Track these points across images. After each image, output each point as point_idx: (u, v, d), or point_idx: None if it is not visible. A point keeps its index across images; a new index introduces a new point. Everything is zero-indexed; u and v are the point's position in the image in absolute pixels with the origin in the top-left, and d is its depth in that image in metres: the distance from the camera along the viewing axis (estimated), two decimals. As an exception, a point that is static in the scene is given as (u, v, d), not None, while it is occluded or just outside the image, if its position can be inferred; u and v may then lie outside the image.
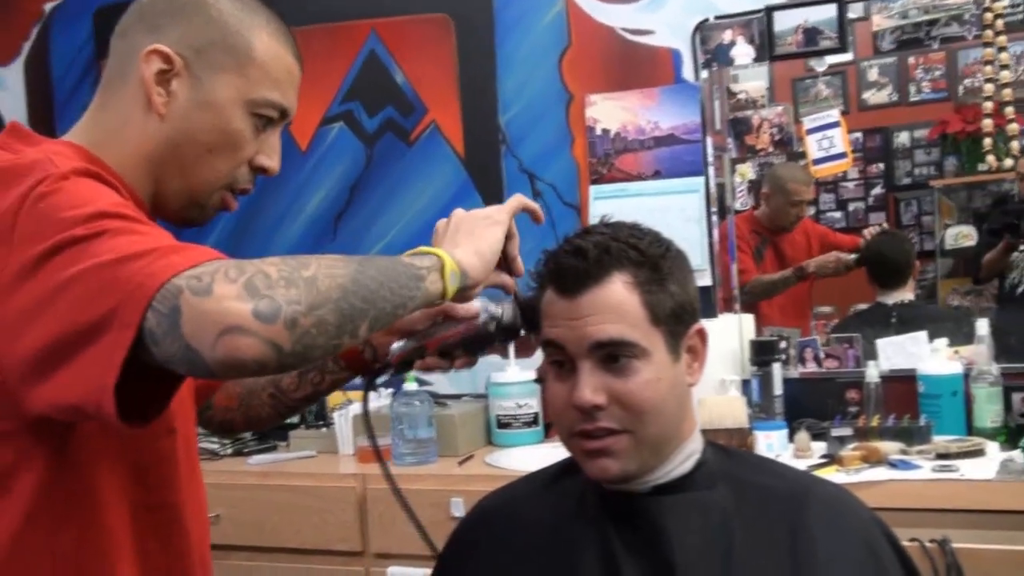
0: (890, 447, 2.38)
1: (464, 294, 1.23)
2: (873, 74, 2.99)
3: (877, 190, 3.06)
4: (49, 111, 3.85)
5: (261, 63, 1.25)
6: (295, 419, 3.17)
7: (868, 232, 3.05)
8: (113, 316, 0.96)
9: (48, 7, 3.86)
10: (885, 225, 3.06)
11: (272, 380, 1.52)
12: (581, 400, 1.21)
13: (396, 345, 1.36)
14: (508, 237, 1.31)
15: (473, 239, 1.24)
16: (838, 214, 3.11)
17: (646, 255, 1.24)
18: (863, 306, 3.06)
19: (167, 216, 1.29)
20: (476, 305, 1.32)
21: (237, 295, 0.94)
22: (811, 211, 3.14)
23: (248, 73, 1.24)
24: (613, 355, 1.22)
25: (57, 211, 1.02)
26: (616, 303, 1.22)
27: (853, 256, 3.05)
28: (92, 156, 1.21)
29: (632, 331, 1.22)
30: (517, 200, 1.33)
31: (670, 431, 1.27)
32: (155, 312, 0.95)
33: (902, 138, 3.03)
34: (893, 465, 2.32)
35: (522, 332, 1.36)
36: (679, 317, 1.26)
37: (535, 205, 1.35)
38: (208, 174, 1.25)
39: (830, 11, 2.85)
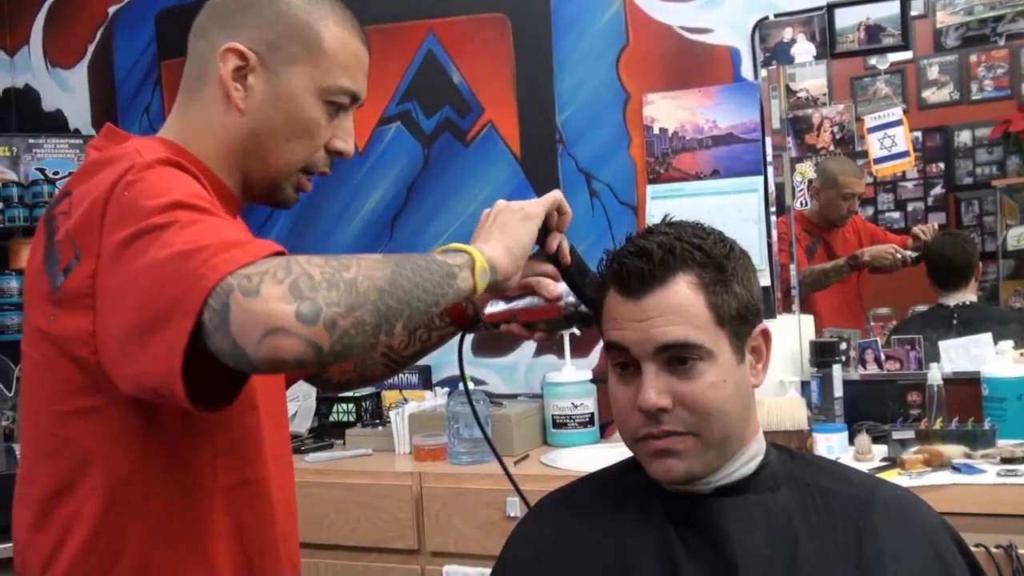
0: (953, 451, 2.35)
1: (497, 288, 1.28)
2: (933, 72, 2.94)
3: (937, 190, 3.01)
4: (112, 113, 3.91)
5: (331, 52, 1.31)
6: (352, 417, 3.21)
7: (918, 229, 3.00)
8: (178, 305, 1.01)
9: (112, 10, 3.92)
10: (931, 228, 3.00)
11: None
12: (646, 403, 1.21)
13: (489, 308, 1.48)
14: (549, 229, 1.37)
15: (505, 235, 1.29)
16: (897, 214, 3.06)
17: (711, 255, 1.24)
18: (922, 307, 3.02)
19: (255, 200, 1.38)
20: (561, 289, 1.41)
21: (282, 296, 0.98)
22: (869, 211, 3.10)
23: (319, 62, 1.31)
24: (678, 357, 1.21)
25: (139, 199, 1.09)
26: (681, 305, 1.21)
27: (912, 253, 3.00)
28: (179, 149, 1.29)
29: (697, 333, 1.21)
30: (555, 196, 1.37)
31: (735, 433, 1.26)
32: (209, 308, 0.99)
33: (963, 137, 2.97)
34: (957, 469, 2.29)
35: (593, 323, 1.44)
36: (744, 318, 1.25)
37: (567, 209, 1.39)
38: (288, 160, 1.33)
39: (893, 8, 2.82)
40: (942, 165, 2.99)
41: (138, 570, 1.23)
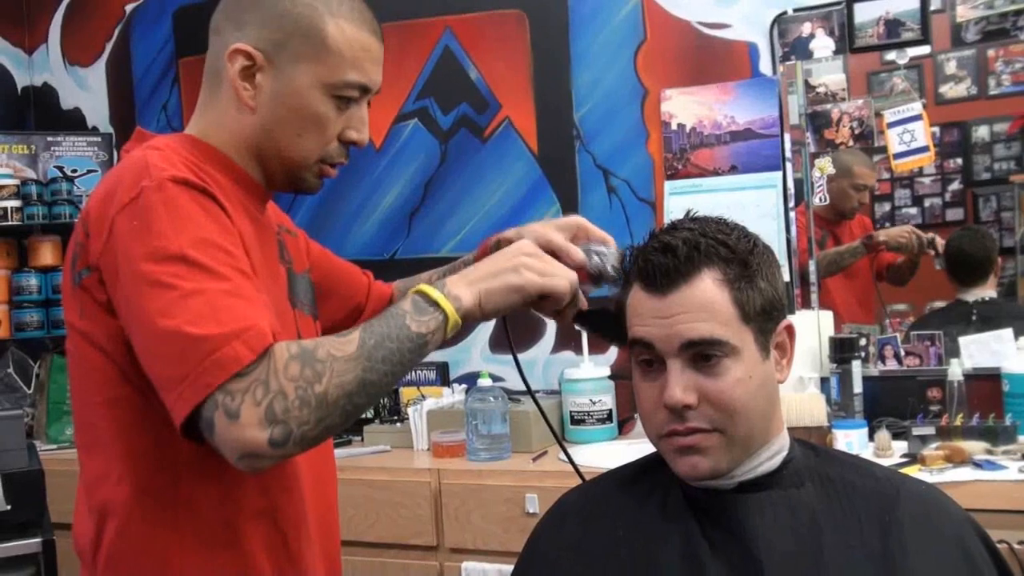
0: (974, 447, 2.34)
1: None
2: (951, 67, 2.92)
3: (954, 186, 2.99)
4: (130, 111, 3.92)
5: (336, 47, 1.33)
6: (370, 413, 3.20)
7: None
8: (182, 389, 1.12)
9: (129, 7, 3.93)
10: (938, 239, 2.99)
11: None
12: (672, 400, 1.20)
13: None
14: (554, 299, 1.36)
15: (488, 290, 1.30)
16: (914, 210, 3.04)
17: (735, 251, 1.23)
18: (940, 304, 3.00)
19: (279, 189, 1.43)
20: (582, 255, 1.42)
21: (259, 422, 1.10)
22: (886, 207, 3.08)
23: (324, 59, 1.33)
24: (704, 354, 1.21)
25: (145, 234, 1.17)
26: (707, 301, 1.21)
27: (930, 235, 2.98)
28: (202, 144, 1.35)
29: (723, 329, 1.21)
30: (570, 281, 1.35)
31: (759, 429, 1.25)
32: (199, 413, 1.12)
33: (981, 132, 2.95)
34: (978, 465, 2.28)
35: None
36: (768, 314, 1.25)
37: (561, 297, 1.35)
38: (300, 152, 1.36)
39: (912, 2, 2.81)
40: (959, 161, 2.97)
41: (171, 556, 1.27)
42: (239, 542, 1.30)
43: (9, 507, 2.25)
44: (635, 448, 2.30)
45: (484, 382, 2.90)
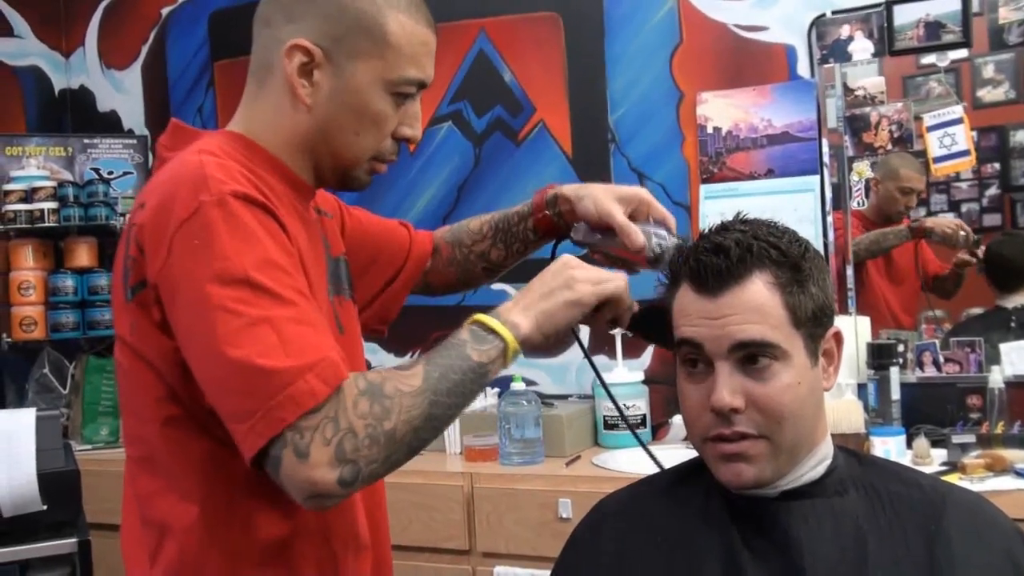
0: (1016, 455, 2.31)
1: None
2: (989, 71, 2.89)
3: (992, 190, 2.96)
4: (166, 113, 3.94)
5: (396, 44, 1.29)
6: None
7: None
8: (254, 423, 1.10)
9: (165, 11, 3.96)
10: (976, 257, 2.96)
11: (481, 255, 1.69)
12: (720, 402, 1.19)
13: (575, 234, 1.54)
14: (613, 304, 1.35)
15: (545, 313, 1.29)
16: (950, 215, 3.01)
17: (787, 255, 1.22)
18: (978, 310, 2.97)
19: (327, 186, 1.40)
20: (642, 239, 1.43)
21: (328, 461, 1.09)
22: (922, 212, 3.05)
23: (385, 56, 1.29)
24: (752, 356, 1.19)
25: (207, 255, 1.13)
26: (758, 303, 1.19)
27: (975, 238, 2.94)
28: (250, 143, 1.31)
29: (774, 332, 1.19)
30: (616, 288, 1.34)
31: (806, 437, 1.24)
32: (266, 449, 1.10)
33: (1019, 137, 2.92)
34: (1019, 474, 2.26)
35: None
36: (818, 319, 1.23)
37: (624, 303, 1.36)
38: (356, 151, 1.33)
39: (952, 4, 2.78)
40: (997, 165, 2.94)
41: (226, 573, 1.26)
42: (290, 560, 1.29)
43: (45, 507, 2.25)
44: (669, 454, 2.27)
45: (517, 386, 2.90)
